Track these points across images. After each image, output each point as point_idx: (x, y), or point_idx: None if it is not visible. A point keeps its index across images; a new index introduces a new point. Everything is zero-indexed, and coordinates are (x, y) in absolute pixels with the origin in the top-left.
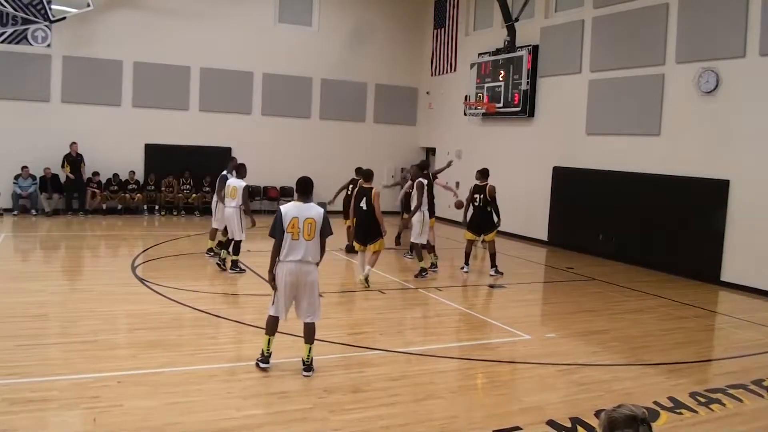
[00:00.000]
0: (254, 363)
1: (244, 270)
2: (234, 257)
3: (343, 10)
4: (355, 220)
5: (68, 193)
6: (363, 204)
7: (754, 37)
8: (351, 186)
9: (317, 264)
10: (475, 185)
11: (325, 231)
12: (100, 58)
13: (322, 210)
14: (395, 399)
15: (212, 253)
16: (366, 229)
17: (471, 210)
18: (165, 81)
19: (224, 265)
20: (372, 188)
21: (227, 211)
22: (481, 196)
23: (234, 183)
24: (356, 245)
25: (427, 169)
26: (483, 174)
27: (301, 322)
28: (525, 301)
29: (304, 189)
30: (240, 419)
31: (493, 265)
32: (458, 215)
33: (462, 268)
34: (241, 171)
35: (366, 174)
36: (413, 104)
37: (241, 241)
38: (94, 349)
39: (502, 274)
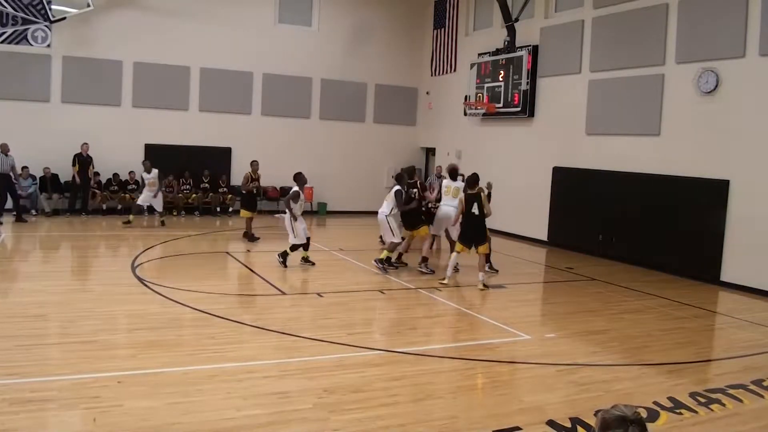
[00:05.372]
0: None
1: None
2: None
3: (342, 10)
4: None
5: (73, 193)
6: (475, 209)
7: (754, 37)
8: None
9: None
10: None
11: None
12: (100, 58)
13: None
14: (395, 399)
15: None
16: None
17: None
18: (165, 81)
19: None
20: (481, 194)
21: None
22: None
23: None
24: (460, 247)
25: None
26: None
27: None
28: (525, 301)
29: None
30: (240, 419)
31: (484, 269)
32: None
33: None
34: (295, 179)
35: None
36: (413, 104)
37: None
38: (94, 349)
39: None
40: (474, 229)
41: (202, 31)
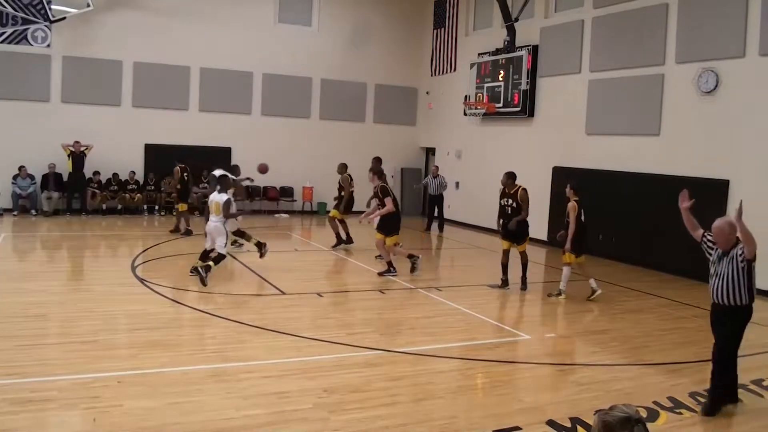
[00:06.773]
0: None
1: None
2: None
3: (343, 10)
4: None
5: (69, 192)
6: (582, 216)
7: (754, 37)
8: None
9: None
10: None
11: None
12: (100, 58)
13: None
14: (395, 399)
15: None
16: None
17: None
18: (165, 81)
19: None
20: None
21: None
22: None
23: (216, 198)
24: (575, 258)
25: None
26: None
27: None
28: (525, 301)
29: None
30: (240, 419)
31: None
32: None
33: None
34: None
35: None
36: (413, 104)
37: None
38: (94, 349)
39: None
40: (585, 237)
41: (202, 31)
